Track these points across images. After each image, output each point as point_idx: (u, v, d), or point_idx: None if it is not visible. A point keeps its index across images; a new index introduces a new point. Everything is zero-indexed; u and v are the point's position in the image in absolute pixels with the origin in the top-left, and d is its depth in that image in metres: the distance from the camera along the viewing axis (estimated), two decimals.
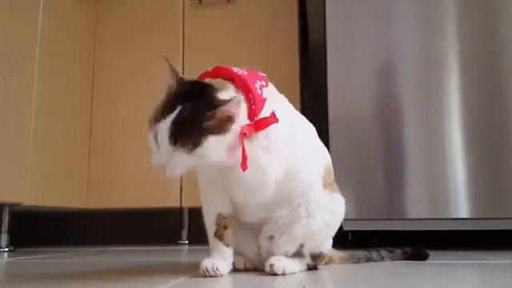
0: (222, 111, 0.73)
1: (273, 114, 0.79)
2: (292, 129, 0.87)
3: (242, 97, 0.76)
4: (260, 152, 0.79)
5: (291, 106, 0.92)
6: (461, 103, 1.51)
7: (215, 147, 0.74)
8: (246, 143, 0.77)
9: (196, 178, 0.88)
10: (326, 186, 0.90)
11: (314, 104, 2.11)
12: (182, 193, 1.95)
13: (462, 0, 1.56)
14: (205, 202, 0.89)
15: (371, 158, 1.53)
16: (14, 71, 1.60)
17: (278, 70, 1.89)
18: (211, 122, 0.73)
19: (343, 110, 1.58)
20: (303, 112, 0.96)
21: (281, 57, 1.96)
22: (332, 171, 0.96)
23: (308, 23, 2.28)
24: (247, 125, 0.77)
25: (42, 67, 1.73)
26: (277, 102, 0.85)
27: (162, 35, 2.08)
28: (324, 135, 1.01)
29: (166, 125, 0.73)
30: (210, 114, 0.73)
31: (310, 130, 0.95)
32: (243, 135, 0.75)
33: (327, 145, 1.00)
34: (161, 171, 0.75)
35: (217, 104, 0.74)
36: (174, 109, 0.74)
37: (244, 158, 0.76)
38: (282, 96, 0.90)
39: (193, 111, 0.73)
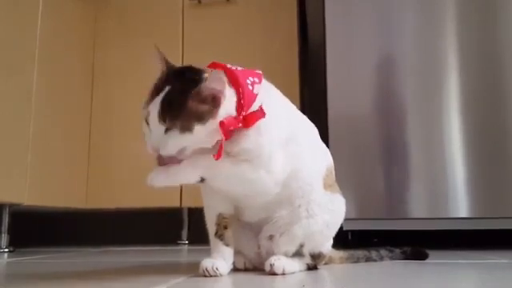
0: (205, 87, 0.74)
1: (260, 109, 0.79)
2: (292, 128, 0.87)
3: (223, 74, 0.76)
4: (250, 149, 0.79)
5: (294, 107, 0.93)
6: (460, 103, 1.51)
7: (204, 134, 0.75)
8: (236, 139, 0.78)
9: None
10: (326, 187, 0.91)
11: (313, 103, 2.11)
12: (182, 193, 1.95)
13: (462, 0, 1.56)
14: (206, 202, 0.89)
15: (371, 158, 1.53)
16: (13, 72, 1.60)
17: (278, 69, 1.89)
18: (196, 103, 0.74)
19: (343, 109, 1.58)
20: (303, 111, 0.96)
21: (280, 56, 1.96)
22: (333, 172, 0.96)
23: (307, 22, 2.28)
24: (233, 117, 0.77)
25: (41, 68, 1.73)
26: (272, 100, 0.85)
27: (162, 35, 2.08)
28: (324, 134, 1.01)
29: (155, 105, 0.75)
30: (194, 91, 0.74)
31: (312, 130, 0.95)
32: (222, 124, 0.75)
33: (327, 144, 1.00)
34: (155, 154, 0.76)
35: (199, 81, 0.75)
36: (163, 90, 0.76)
37: (220, 147, 0.76)
38: (286, 99, 0.91)
39: (179, 91, 0.75)
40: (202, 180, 0.80)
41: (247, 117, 0.78)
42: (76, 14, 2.02)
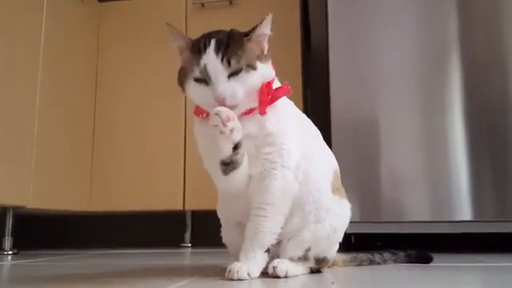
0: (260, 31, 0.77)
1: (285, 85, 0.82)
2: (301, 130, 0.88)
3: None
4: (274, 133, 0.81)
5: (299, 110, 0.93)
6: (463, 105, 1.51)
7: (262, 73, 0.77)
8: (261, 124, 0.80)
9: (199, 182, 0.88)
10: (334, 191, 0.90)
11: (316, 107, 2.11)
12: (185, 196, 1.95)
13: (463, 0, 1.56)
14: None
15: (374, 161, 1.53)
16: (17, 74, 1.61)
17: (280, 72, 1.88)
18: (252, 45, 0.76)
19: (346, 112, 1.57)
20: (305, 115, 0.96)
21: (283, 59, 1.95)
22: (339, 176, 0.96)
23: (310, 26, 2.28)
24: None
25: (45, 70, 1.74)
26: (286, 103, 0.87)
27: (165, 39, 2.08)
28: (326, 138, 1.01)
29: (210, 55, 0.73)
30: (251, 34, 0.76)
31: (318, 135, 0.95)
32: (269, 85, 0.78)
33: (330, 147, 1.00)
34: (221, 109, 0.72)
35: (247, 32, 0.77)
36: (209, 43, 0.74)
37: (261, 102, 0.77)
38: (291, 101, 0.91)
39: (231, 37, 0.75)
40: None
41: (275, 90, 0.80)
42: (80, 17, 2.03)
